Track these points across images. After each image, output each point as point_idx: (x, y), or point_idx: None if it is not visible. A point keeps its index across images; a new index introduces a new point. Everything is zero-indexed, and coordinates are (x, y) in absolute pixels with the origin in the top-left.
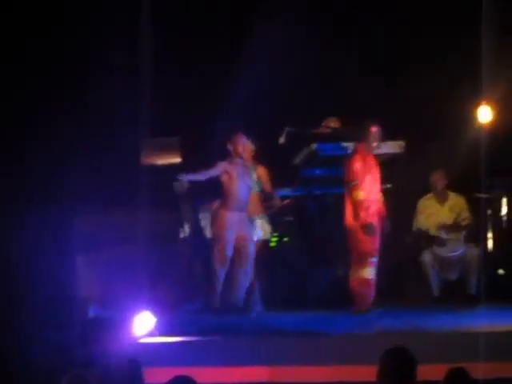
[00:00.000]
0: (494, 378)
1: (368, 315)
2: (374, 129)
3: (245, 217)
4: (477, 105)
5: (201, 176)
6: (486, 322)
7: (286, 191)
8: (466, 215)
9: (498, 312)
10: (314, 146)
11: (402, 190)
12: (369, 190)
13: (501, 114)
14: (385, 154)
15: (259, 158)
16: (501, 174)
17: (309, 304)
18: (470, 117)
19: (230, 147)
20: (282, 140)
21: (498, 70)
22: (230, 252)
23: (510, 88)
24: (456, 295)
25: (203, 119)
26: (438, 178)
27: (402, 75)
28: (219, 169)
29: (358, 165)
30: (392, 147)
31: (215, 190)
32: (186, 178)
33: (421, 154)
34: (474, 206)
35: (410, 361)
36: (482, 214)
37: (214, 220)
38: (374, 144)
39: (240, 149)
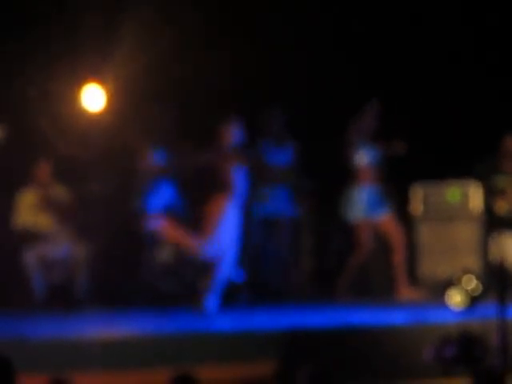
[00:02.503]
0: None
1: None
2: None
3: None
4: (85, 87)
5: None
6: (94, 328)
7: None
8: (69, 212)
9: (108, 316)
10: None
11: None
12: None
13: (114, 97)
14: None
15: None
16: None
17: None
18: (78, 100)
19: None
20: None
21: (110, 48)
22: None
23: (124, 69)
24: (63, 299)
25: None
26: (41, 169)
27: None
28: None
29: None
30: None
31: None
32: None
33: (23, 140)
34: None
35: (8, 372)
36: (94, 209)
37: None
38: None
39: None
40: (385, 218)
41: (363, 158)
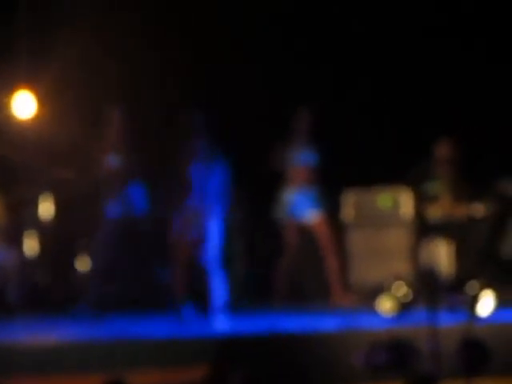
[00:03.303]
0: None
1: None
2: None
3: None
4: (14, 93)
5: None
6: (27, 333)
7: None
8: None
9: (41, 322)
10: None
11: None
12: None
13: (46, 103)
14: None
15: None
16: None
17: None
18: (6, 106)
19: None
20: None
21: (40, 54)
22: None
23: (56, 75)
24: None
25: None
26: None
27: None
28: None
29: None
30: None
31: None
32: None
33: None
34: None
35: None
36: (19, 214)
37: None
38: None
39: None
40: (316, 219)
41: (296, 160)
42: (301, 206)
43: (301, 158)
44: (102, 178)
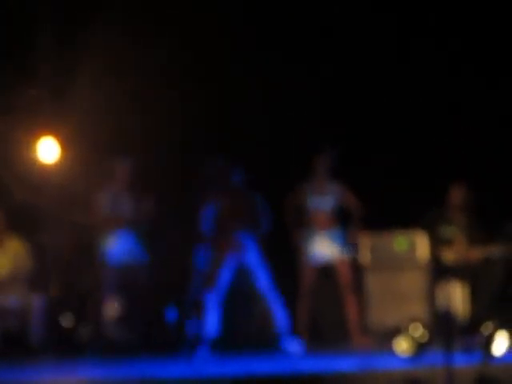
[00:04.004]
0: None
1: None
2: None
3: None
4: (39, 139)
5: None
6: (49, 376)
7: None
8: (24, 262)
9: (64, 365)
10: None
11: None
12: None
13: (68, 149)
14: None
15: None
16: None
17: None
18: (31, 151)
19: None
20: None
21: (63, 102)
22: None
23: (76, 123)
24: (17, 347)
25: None
26: None
27: None
28: None
29: None
30: None
31: None
32: None
33: None
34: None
35: None
36: (44, 259)
37: None
38: None
39: None
40: (339, 260)
41: (318, 203)
42: (323, 248)
43: (321, 203)
44: (101, 226)
